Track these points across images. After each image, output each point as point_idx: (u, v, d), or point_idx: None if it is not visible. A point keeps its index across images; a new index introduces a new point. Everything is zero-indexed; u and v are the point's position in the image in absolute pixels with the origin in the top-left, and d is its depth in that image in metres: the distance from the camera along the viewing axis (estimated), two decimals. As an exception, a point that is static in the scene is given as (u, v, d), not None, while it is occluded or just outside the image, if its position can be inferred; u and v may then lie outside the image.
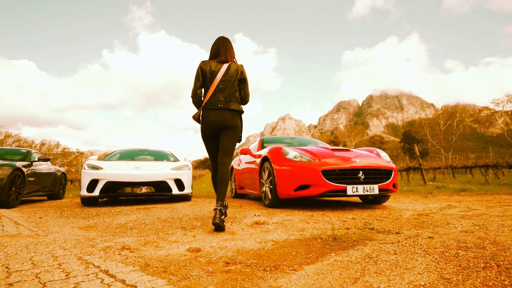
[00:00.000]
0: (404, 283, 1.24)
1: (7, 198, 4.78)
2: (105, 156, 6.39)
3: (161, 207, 4.54)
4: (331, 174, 3.65)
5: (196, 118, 2.91)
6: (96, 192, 4.87)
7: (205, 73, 2.80)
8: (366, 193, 3.64)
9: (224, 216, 2.56)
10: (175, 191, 5.23)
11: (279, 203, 4.02)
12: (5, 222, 3.20)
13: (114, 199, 6.36)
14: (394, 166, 4.09)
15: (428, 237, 2.02)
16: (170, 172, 5.32)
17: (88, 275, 1.43)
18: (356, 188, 3.61)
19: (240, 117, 2.90)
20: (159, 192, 5.16)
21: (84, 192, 4.91)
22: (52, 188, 6.90)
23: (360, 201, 4.91)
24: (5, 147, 6.70)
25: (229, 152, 2.82)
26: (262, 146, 5.44)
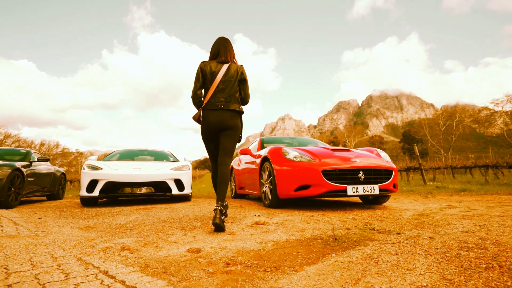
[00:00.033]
0: (406, 284, 1.23)
1: (7, 199, 4.77)
2: (104, 156, 6.38)
3: (161, 207, 4.53)
4: (331, 174, 3.64)
5: (196, 119, 2.91)
6: (95, 193, 4.87)
7: (205, 73, 2.80)
8: (367, 193, 3.63)
9: (224, 216, 2.55)
10: (175, 191, 5.22)
11: (279, 203, 4.01)
12: (4, 223, 3.19)
13: (113, 199, 6.35)
14: (394, 166, 4.09)
15: (429, 237, 2.02)
16: (170, 172, 5.32)
17: (87, 276, 1.42)
18: (357, 188, 3.60)
19: (240, 117, 2.90)
20: (158, 193, 5.15)
21: (83, 193, 4.91)
22: (52, 188, 6.89)
23: (360, 201, 4.90)
24: (4, 148, 6.69)
25: (229, 153, 2.82)
26: (262, 146, 5.44)
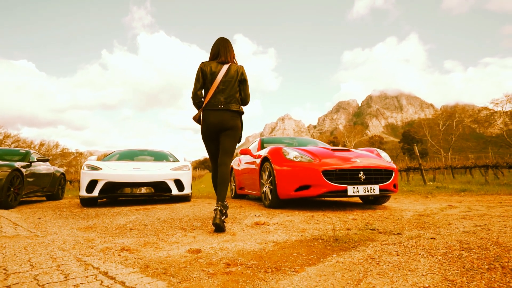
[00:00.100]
0: (408, 285, 1.22)
1: (6, 199, 4.76)
2: (104, 157, 6.37)
3: (160, 207, 4.52)
4: (331, 175, 3.64)
5: (196, 119, 2.90)
6: (95, 193, 4.85)
7: (205, 74, 2.79)
8: (367, 193, 3.62)
9: (224, 216, 2.54)
10: (174, 191, 5.21)
11: (279, 203, 4.00)
12: (3, 223, 3.18)
13: (113, 199, 6.34)
14: (395, 166, 4.08)
15: (430, 238, 2.01)
16: (170, 172, 5.31)
17: (87, 276, 1.41)
18: (357, 188, 3.59)
19: (240, 118, 2.89)
20: (158, 193, 5.14)
21: (83, 193, 4.90)
22: (51, 188, 6.88)
23: (361, 201, 4.89)
24: (4, 148, 6.68)
25: (229, 153, 2.82)
26: (262, 146, 5.43)
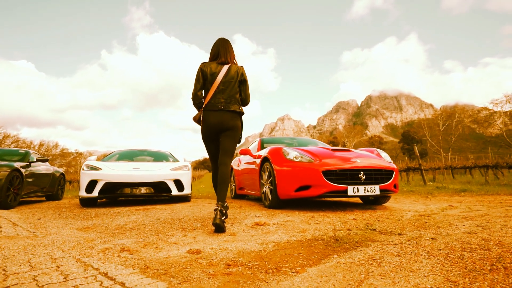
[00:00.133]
0: (410, 286, 1.22)
1: (5, 199, 4.75)
2: (104, 157, 6.35)
3: (160, 208, 4.51)
4: (331, 175, 3.63)
5: (196, 120, 2.90)
6: (95, 193, 4.84)
7: (205, 74, 2.79)
8: (367, 193, 3.61)
9: (224, 217, 2.53)
10: (174, 191, 5.20)
11: (279, 203, 3.99)
12: (3, 223, 3.17)
13: (113, 200, 6.33)
14: (395, 166, 4.07)
15: (431, 238, 2.00)
16: (170, 172, 5.30)
17: (87, 277, 1.40)
18: (357, 188, 3.58)
19: (241, 118, 2.89)
20: (158, 193, 5.13)
21: (83, 193, 4.89)
22: (51, 188, 6.87)
23: (361, 201, 4.89)
24: (3, 148, 6.67)
25: (229, 153, 2.81)
26: (262, 146, 5.42)
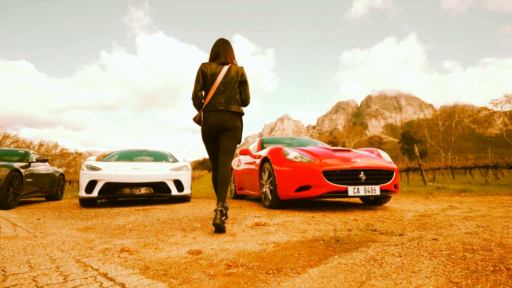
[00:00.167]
0: (412, 287, 1.21)
1: (5, 199, 4.74)
2: (103, 157, 6.34)
3: (160, 208, 4.50)
4: (332, 175, 3.62)
5: (196, 120, 2.90)
6: (94, 193, 4.83)
7: (205, 75, 2.79)
8: (368, 194, 3.61)
9: (225, 217, 2.53)
10: (174, 192, 5.19)
11: (279, 204, 3.98)
12: (2, 224, 3.16)
13: (112, 200, 6.32)
14: (396, 166, 4.06)
15: (433, 239, 1.99)
16: (169, 173, 5.29)
17: (86, 278, 1.39)
18: (358, 189, 3.58)
19: (241, 118, 2.89)
20: (158, 193, 5.12)
21: (82, 193, 4.87)
22: (50, 189, 6.86)
23: (361, 202, 4.88)
24: (3, 148, 6.65)
25: (229, 153, 2.81)
26: (261, 146, 5.41)
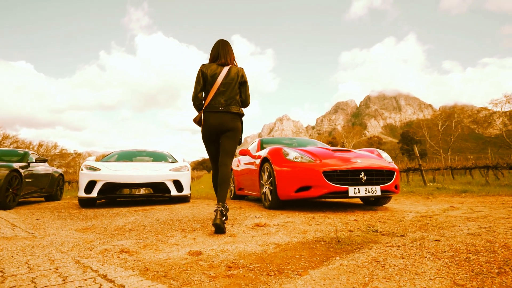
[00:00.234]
0: (415, 289, 1.19)
1: (4, 200, 4.72)
2: (103, 157, 6.32)
3: (159, 208, 4.48)
4: (332, 175, 3.60)
5: (197, 121, 2.89)
6: (94, 194, 4.81)
7: (205, 76, 2.78)
8: (368, 194, 3.59)
9: (225, 218, 2.51)
10: (173, 192, 5.17)
11: (279, 204, 3.96)
12: (1, 224, 3.14)
13: (112, 200, 6.30)
14: (396, 167, 4.05)
15: (435, 240, 1.98)
16: (169, 173, 5.27)
17: (85, 279, 1.38)
18: (358, 189, 3.56)
19: (241, 119, 2.89)
20: (157, 194, 5.10)
21: (82, 194, 4.86)
22: (50, 189, 6.83)
23: (361, 202, 4.86)
24: (2, 148, 6.63)
25: (229, 154, 2.80)
26: (261, 147, 5.39)
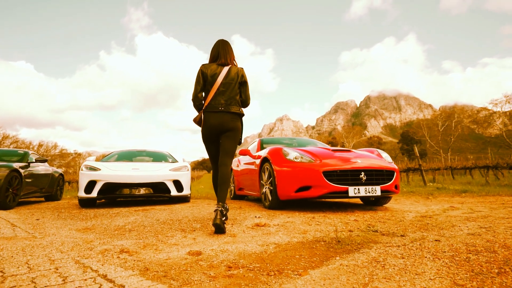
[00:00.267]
0: (415, 289, 1.19)
1: (4, 200, 4.72)
2: (103, 157, 6.32)
3: (159, 208, 4.48)
4: (332, 175, 3.60)
5: (197, 121, 2.89)
6: (94, 194, 4.81)
7: (205, 76, 2.78)
8: (368, 194, 3.59)
9: (225, 218, 2.51)
10: (173, 192, 5.17)
11: (279, 204, 3.96)
12: (1, 224, 3.14)
13: (112, 200, 6.30)
14: (396, 167, 4.05)
15: (435, 240, 1.98)
16: (169, 173, 5.27)
17: (85, 280, 1.38)
18: (358, 189, 3.56)
19: (241, 119, 2.89)
20: (157, 194, 5.10)
21: (82, 194, 4.85)
22: (50, 189, 6.83)
23: (361, 202, 4.86)
24: (2, 148, 6.63)
25: (229, 154, 2.80)
26: (261, 147, 5.39)
